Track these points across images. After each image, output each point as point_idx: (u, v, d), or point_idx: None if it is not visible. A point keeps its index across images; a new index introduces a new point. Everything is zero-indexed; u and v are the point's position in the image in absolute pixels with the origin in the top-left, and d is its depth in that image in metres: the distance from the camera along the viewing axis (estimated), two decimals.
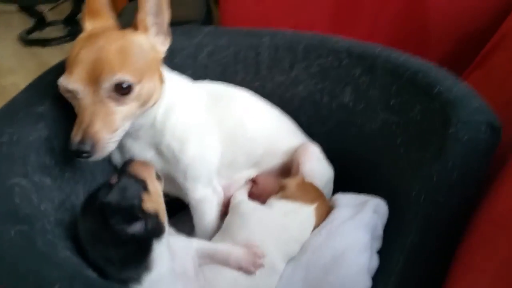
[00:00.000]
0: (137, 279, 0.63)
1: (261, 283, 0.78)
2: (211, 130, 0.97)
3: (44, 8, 4.12)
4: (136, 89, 0.74)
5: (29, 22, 3.92)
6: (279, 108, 1.13)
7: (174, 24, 2.01)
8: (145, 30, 0.80)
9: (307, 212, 0.87)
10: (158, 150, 0.90)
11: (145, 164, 0.76)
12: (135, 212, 0.63)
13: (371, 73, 1.00)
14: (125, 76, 0.71)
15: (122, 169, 0.74)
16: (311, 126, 1.15)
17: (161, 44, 0.84)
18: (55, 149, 0.76)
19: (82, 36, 0.78)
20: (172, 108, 0.89)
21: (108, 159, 0.95)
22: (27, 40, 3.70)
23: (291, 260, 0.83)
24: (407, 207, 0.82)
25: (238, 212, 0.88)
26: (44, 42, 3.65)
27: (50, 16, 4.12)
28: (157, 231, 0.66)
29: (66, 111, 0.81)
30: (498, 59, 1.17)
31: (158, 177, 0.77)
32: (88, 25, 0.80)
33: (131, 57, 0.75)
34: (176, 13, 2.17)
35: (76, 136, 0.68)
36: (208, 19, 2.27)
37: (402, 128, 0.91)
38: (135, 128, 0.84)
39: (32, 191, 0.62)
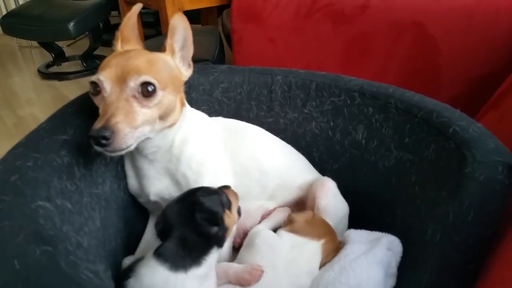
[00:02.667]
0: (187, 268, 0.73)
1: None
2: (225, 163, 0.99)
3: (63, 44, 4.29)
4: (159, 94, 0.78)
5: (48, 56, 4.07)
6: (291, 144, 1.15)
7: (192, 61, 2.09)
8: (172, 53, 0.87)
9: (313, 247, 0.87)
10: (173, 178, 0.92)
11: (236, 194, 0.87)
12: (217, 218, 0.78)
13: (384, 112, 1.03)
14: (150, 79, 0.76)
15: (222, 187, 0.87)
16: (323, 162, 1.16)
17: (184, 70, 0.90)
18: (75, 175, 0.77)
19: (114, 53, 0.84)
20: (189, 138, 0.92)
21: (124, 189, 0.96)
22: (46, 74, 3.82)
23: None
24: (422, 246, 0.81)
25: (255, 243, 0.88)
26: (61, 76, 3.78)
27: (68, 52, 4.28)
28: (220, 242, 0.79)
29: (87, 140, 0.83)
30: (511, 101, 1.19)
31: (239, 211, 0.87)
32: (120, 48, 0.87)
33: (156, 66, 0.81)
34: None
35: (98, 124, 0.70)
36: (220, 59, 2.35)
37: (417, 166, 0.92)
38: (152, 150, 0.88)
39: (55, 214, 0.62)
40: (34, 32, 3.42)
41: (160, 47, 0.88)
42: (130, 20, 0.88)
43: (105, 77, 0.75)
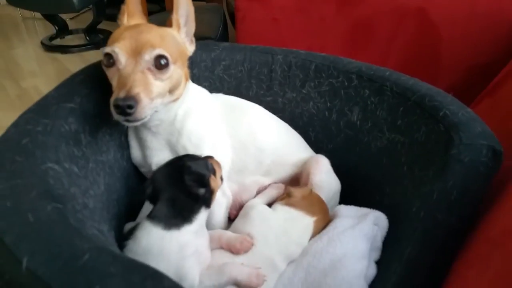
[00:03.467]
0: (179, 225, 0.79)
1: None
2: (224, 138, 1.04)
3: (66, 17, 4.27)
4: (171, 68, 0.83)
5: (51, 29, 4.06)
6: (289, 123, 1.19)
7: (195, 39, 2.10)
8: (178, 28, 0.91)
9: (307, 222, 0.92)
10: (174, 150, 0.96)
11: (218, 163, 0.92)
12: (204, 180, 0.83)
13: (379, 95, 1.06)
14: (164, 52, 0.80)
15: (205, 157, 0.91)
16: (319, 142, 1.20)
17: (189, 45, 0.94)
18: (82, 142, 0.81)
19: (123, 26, 0.87)
20: (191, 112, 0.96)
21: (127, 158, 1.01)
22: (49, 46, 3.82)
23: (292, 262, 0.87)
24: (407, 222, 0.86)
25: (250, 215, 0.93)
26: (65, 49, 3.78)
27: (71, 25, 4.27)
28: (208, 202, 0.86)
29: (93, 109, 0.88)
30: (507, 89, 1.22)
31: (221, 178, 0.93)
32: (126, 22, 0.90)
33: (168, 40, 0.85)
34: (195, 29, 2.27)
35: (121, 94, 0.74)
36: (223, 37, 2.36)
37: (407, 147, 0.96)
38: (156, 123, 0.92)
39: (63, 176, 0.67)
40: (38, 3, 3.41)
41: (164, 23, 0.91)
42: None
43: (120, 49, 0.78)
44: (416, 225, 0.81)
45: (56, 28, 3.97)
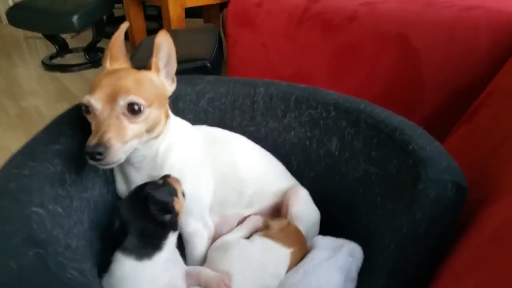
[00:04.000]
0: (150, 255, 0.85)
1: None
2: (206, 169, 1.07)
3: (66, 36, 4.36)
4: (146, 112, 0.87)
5: (52, 48, 4.15)
6: (272, 152, 1.24)
7: (187, 61, 2.15)
8: (157, 71, 0.96)
9: (283, 254, 0.96)
10: None
11: (177, 180, 0.96)
12: (169, 206, 0.88)
13: (355, 126, 1.11)
14: (137, 98, 0.85)
15: (164, 177, 0.95)
16: (300, 170, 1.25)
17: (168, 86, 0.99)
18: (67, 182, 0.86)
19: (104, 72, 0.92)
20: (172, 146, 1.00)
21: (113, 192, 1.05)
22: (49, 65, 3.90)
23: None
24: (379, 253, 0.90)
25: (226, 250, 0.97)
26: (65, 68, 3.86)
27: (71, 43, 4.35)
28: (174, 226, 0.91)
29: (78, 149, 0.92)
30: (482, 115, 1.26)
31: (183, 194, 0.96)
32: (109, 66, 0.95)
33: (143, 85, 0.89)
34: (189, 52, 2.32)
35: (92, 141, 0.79)
36: (217, 58, 2.41)
37: (380, 179, 1.00)
38: (138, 159, 0.96)
39: (46, 218, 0.71)
40: (39, 24, 3.49)
41: None
42: (118, 38, 0.96)
43: (96, 99, 0.83)
44: (387, 256, 0.85)
45: (57, 47, 4.06)
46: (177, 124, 1.06)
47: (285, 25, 1.89)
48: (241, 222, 1.12)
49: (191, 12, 3.37)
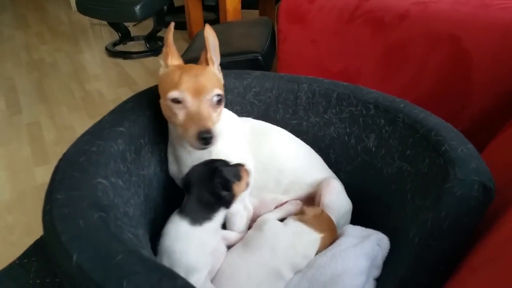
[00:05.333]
0: (201, 222, 0.95)
1: (267, 285, 0.96)
2: (248, 158, 1.17)
3: (129, 24, 4.62)
4: (223, 101, 1.02)
5: (115, 35, 4.42)
6: (312, 145, 1.31)
7: (239, 53, 2.24)
8: (213, 64, 1.08)
9: (314, 238, 1.03)
10: None
11: (247, 171, 1.06)
12: (229, 185, 0.98)
13: (393, 125, 1.15)
14: (220, 91, 1.00)
15: (237, 164, 1.05)
16: (338, 163, 1.31)
17: (221, 76, 1.10)
18: (127, 159, 0.99)
19: (172, 68, 1.03)
20: (221, 134, 1.10)
21: (165, 171, 1.18)
22: (112, 52, 4.17)
23: (299, 272, 0.99)
24: (403, 245, 0.95)
25: (263, 229, 1.06)
26: (126, 55, 4.11)
27: (133, 32, 4.61)
28: (228, 204, 1.00)
29: (138, 132, 1.06)
30: None
31: (247, 184, 1.06)
32: (170, 63, 1.05)
33: (216, 79, 1.04)
34: (242, 44, 2.40)
35: (202, 128, 0.93)
36: (270, 52, 2.47)
37: (412, 176, 1.05)
38: None
39: (109, 189, 0.84)
40: (104, 13, 3.73)
41: (219, 35, 1.09)
42: (170, 37, 1.06)
43: (187, 92, 0.96)
44: (410, 249, 0.89)
45: (120, 34, 4.31)
46: (226, 115, 1.16)
47: (335, 22, 1.93)
48: (278, 206, 1.20)
49: (247, 3, 3.47)
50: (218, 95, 1.00)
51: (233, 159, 1.11)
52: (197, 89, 0.96)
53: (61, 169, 0.85)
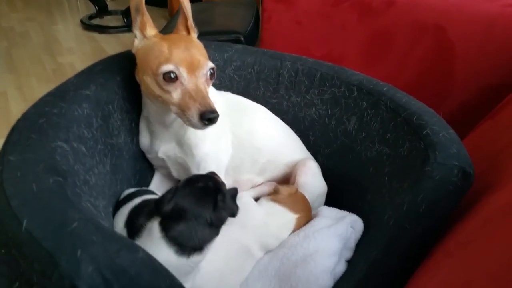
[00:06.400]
0: (190, 255, 0.79)
1: (237, 263, 0.92)
2: (226, 133, 1.12)
3: None
4: (215, 75, 0.95)
5: (92, 8, 4.25)
6: (291, 125, 1.27)
7: (222, 33, 2.17)
8: (194, 33, 1.01)
9: (288, 218, 1.00)
10: (179, 141, 1.05)
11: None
12: (234, 213, 0.86)
13: (375, 108, 1.12)
14: (212, 64, 0.93)
15: (211, 173, 0.94)
16: (317, 146, 1.27)
17: None
18: (93, 125, 0.91)
19: (155, 40, 0.94)
20: None
21: (136, 143, 1.11)
22: (88, 25, 4.00)
23: (269, 252, 0.96)
24: (377, 228, 0.93)
25: None
26: (102, 29, 3.95)
27: (111, 6, 4.44)
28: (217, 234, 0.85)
29: (106, 97, 0.98)
30: (506, 113, 1.25)
31: None
32: (149, 33, 0.95)
33: (205, 51, 0.96)
34: (224, 24, 2.33)
35: (208, 108, 0.85)
36: (253, 33, 2.41)
37: (391, 160, 1.02)
38: (171, 119, 1.01)
39: (69, 154, 0.76)
40: None
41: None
42: (143, 3, 0.95)
43: (183, 67, 0.87)
44: (385, 231, 0.87)
45: (96, 8, 4.15)
46: None
47: (322, 3, 1.88)
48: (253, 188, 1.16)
49: None
50: (212, 68, 0.92)
51: (209, 135, 1.06)
52: (192, 63, 0.88)
53: (17, 130, 0.77)
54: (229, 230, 0.94)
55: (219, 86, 1.21)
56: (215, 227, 0.83)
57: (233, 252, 0.92)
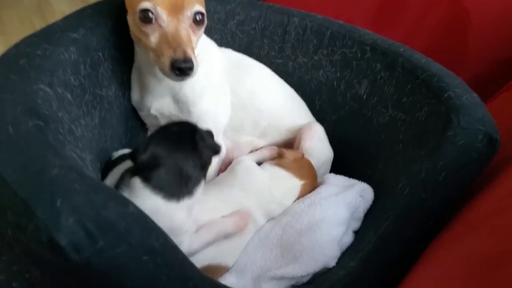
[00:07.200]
0: (178, 198, 0.73)
1: None
2: (225, 91, 1.03)
3: None
4: (205, 22, 0.84)
5: None
6: (296, 89, 1.18)
7: None
8: None
9: (293, 184, 0.93)
10: (175, 98, 0.96)
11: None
12: (217, 150, 0.81)
13: (390, 70, 1.04)
14: (201, 8, 0.82)
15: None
16: (323, 111, 1.19)
17: None
18: (80, 72, 0.82)
19: None
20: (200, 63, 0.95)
21: (128, 98, 1.02)
22: None
23: (272, 219, 0.89)
24: (390, 197, 0.86)
25: (235, 168, 0.94)
26: None
27: None
28: (205, 174, 0.80)
29: (96, 43, 0.89)
30: None
31: None
32: None
33: None
34: None
35: (178, 55, 0.75)
36: None
37: (407, 126, 0.95)
38: None
39: (53, 99, 0.68)
40: None
41: None
42: None
43: (161, 7, 0.76)
44: (398, 200, 0.81)
45: None
46: (205, 41, 1.01)
47: None
48: (253, 152, 1.08)
49: None
50: (200, 13, 0.81)
51: (208, 92, 0.97)
52: (175, 3, 0.78)
53: None
54: (230, 192, 0.87)
55: (220, 42, 1.11)
56: (200, 168, 0.77)
57: None
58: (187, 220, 0.76)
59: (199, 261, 0.78)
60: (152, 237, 0.54)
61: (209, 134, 0.83)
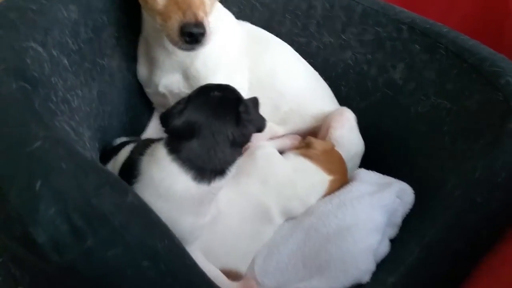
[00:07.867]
0: (210, 179, 0.63)
1: (252, 225, 0.75)
2: (242, 70, 0.93)
3: None
4: None
5: None
6: (319, 72, 1.07)
7: None
8: None
9: (321, 179, 0.81)
10: (186, 73, 0.86)
11: None
12: (261, 127, 0.69)
13: (431, 52, 0.92)
14: None
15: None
16: (349, 99, 1.07)
17: None
18: (80, 36, 0.71)
19: None
20: (214, 32, 0.84)
21: (133, 72, 0.91)
22: None
23: (291, 219, 0.78)
24: (436, 200, 0.75)
25: (255, 154, 0.83)
26: None
27: None
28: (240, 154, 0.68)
29: (100, 5, 0.78)
30: None
31: None
32: None
33: None
34: None
35: (191, 19, 0.66)
36: None
37: (453, 116, 0.83)
38: None
39: (46, 61, 0.56)
40: None
41: None
42: None
43: None
44: (447, 204, 0.70)
45: None
46: (221, 12, 0.91)
47: None
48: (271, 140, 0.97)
49: None
50: None
51: (222, 69, 0.87)
52: None
53: None
54: (247, 182, 0.76)
55: (237, 15, 0.99)
56: (238, 145, 0.66)
57: (249, 210, 0.74)
58: (212, 207, 0.67)
59: None
60: (154, 237, 0.43)
61: (255, 104, 0.71)
